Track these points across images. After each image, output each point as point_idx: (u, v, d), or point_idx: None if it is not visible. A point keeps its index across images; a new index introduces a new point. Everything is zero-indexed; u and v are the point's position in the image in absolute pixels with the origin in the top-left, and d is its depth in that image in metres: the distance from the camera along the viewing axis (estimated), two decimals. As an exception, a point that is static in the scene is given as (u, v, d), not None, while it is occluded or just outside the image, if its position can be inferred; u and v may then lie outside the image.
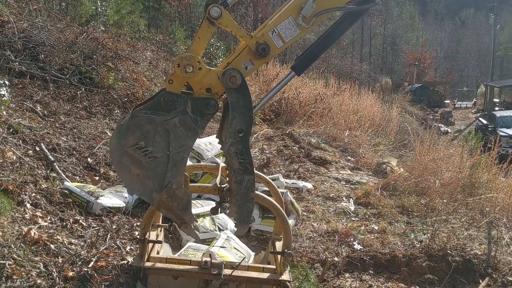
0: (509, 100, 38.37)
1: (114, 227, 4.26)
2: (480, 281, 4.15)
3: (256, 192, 3.13)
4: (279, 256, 3.42)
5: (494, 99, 39.35)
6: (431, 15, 77.91)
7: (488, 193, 6.72)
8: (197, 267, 3.33)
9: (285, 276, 3.32)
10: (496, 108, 32.81)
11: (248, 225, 3.51)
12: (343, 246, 4.71)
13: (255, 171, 3.09)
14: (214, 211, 3.25)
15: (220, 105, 2.85)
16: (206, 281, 3.28)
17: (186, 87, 2.80)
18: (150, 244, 3.51)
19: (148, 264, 3.39)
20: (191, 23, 22.38)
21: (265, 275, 3.38)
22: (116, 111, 7.26)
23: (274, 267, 3.46)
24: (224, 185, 3.09)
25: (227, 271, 3.29)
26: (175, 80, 2.72)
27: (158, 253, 3.74)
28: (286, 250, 3.38)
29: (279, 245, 3.65)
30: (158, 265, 3.40)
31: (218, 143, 3.18)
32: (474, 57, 72.33)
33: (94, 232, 4.13)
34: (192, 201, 4.16)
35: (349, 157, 8.75)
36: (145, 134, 2.71)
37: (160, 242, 3.71)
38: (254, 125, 9.76)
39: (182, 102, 2.71)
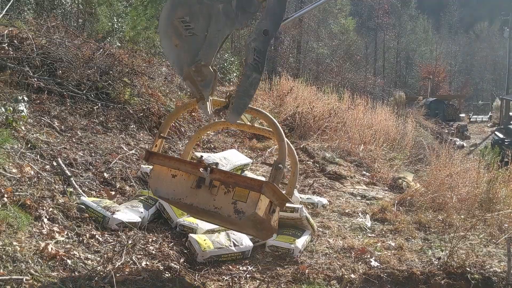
0: (526, 114, 37.93)
1: (130, 242, 4.26)
2: (501, 300, 4.06)
3: (258, 108, 3.80)
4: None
5: (510, 113, 38.90)
6: (445, 28, 77.71)
7: (507, 209, 6.60)
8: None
9: (270, 186, 3.40)
10: (513, 122, 32.42)
11: (239, 116, 3.57)
12: (360, 262, 4.65)
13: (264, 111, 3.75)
14: (217, 112, 3.66)
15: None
16: (198, 182, 3.43)
17: None
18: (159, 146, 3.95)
19: (155, 149, 3.88)
20: (206, 38, 22.58)
21: (252, 179, 3.51)
22: (132, 126, 7.32)
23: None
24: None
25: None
26: None
27: None
28: (278, 164, 3.52)
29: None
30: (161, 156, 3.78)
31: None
32: (489, 71, 71.80)
33: (110, 247, 4.14)
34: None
35: (364, 172, 8.69)
36: (192, 12, 3.12)
37: (168, 138, 4.26)
38: (268, 140, 9.76)
39: None
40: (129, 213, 4.72)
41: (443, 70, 57.26)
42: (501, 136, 24.60)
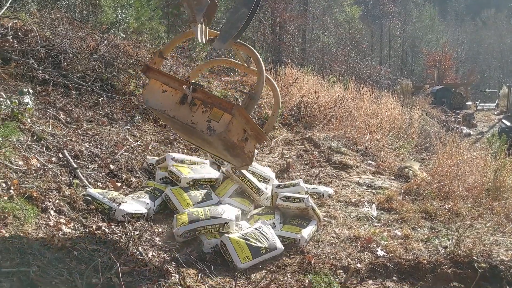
0: (533, 101, 37.62)
1: (136, 233, 4.28)
2: (508, 288, 4.04)
3: (244, 43, 4.16)
4: None
5: (517, 101, 38.57)
6: (451, 16, 76.93)
7: (514, 197, 6.57)
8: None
9: (241, 110, 3.75)
10: (520, 110, 32.16)
11: (225, 44, 3.99)
12: (366, 252, 4.64)
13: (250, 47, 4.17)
14: (209, 41, 4.07)
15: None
16: (182, 98, 3.81)
17: None
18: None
19: (153, 66, 4.17)
20: (210, 28, 22.50)
21: (227, 102, 3.82)
22: (137, 118, 7.32)
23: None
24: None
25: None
26: None
27: None
28: (252, 94, 3.95)
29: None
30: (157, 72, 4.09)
31: None
32: (496, 58, 71.10)
33: (117, 238, 4.16)
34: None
35: (370, 161, 8.65)
36: None
37: (167, 58, 4.69)
38: (274, 129, 9.74)
39: None
40: (135, 204, 4.74)
41: (450, 58, 56.65)
42: (508, 124, 24.40)
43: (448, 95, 38.61)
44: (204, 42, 4.01)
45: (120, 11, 12.61)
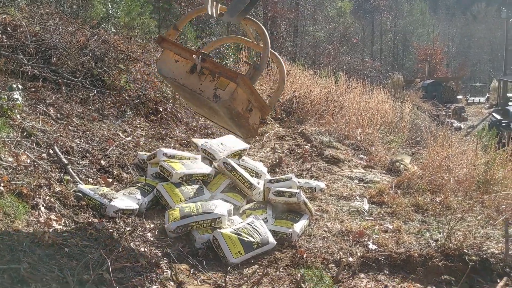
0: (523, 95, 37.96)
1: (127, 229, 4.27)
2: (498, 281, 4.07)
3: (252, 18, 4.41)
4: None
5: (507, 94, 38.86)
6: (442, 10, 77.17)
7: (504, 190, 6.61)
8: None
9: (245, 80, 3.99)
10: (510, 103, 32.42)
11: (232, 18, 4.26)
12: (358, 246, 4.67)
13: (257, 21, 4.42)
14: (220, 15, 4.27)
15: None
16: (192, 68, 4.05)
17: None
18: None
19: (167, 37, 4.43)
20: (201, 23, 22.36)
21: (233, 71, 4.10)
22: (128, 113, 7.29)
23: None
24: None
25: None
26: None
27: None
28: (257, 65, 4.25)
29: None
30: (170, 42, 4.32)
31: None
32: (487, 52, 71.47)
33: (108, 234, 4.14)
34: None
35: (362, 155, 8.68)
36: None
37: (181, 31, 4.97)
38: (265, 124, 9.73)
39: None
40: (126, 200, 4.72)
41: (440, 52, 56.88)
42: (498, 117, 24.57)
43: (439, 89, 38.83)
44: (214, 15, 4.25)
45: (110, 6, 12.50)
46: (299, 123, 10.52)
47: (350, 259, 4.38)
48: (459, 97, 42.15)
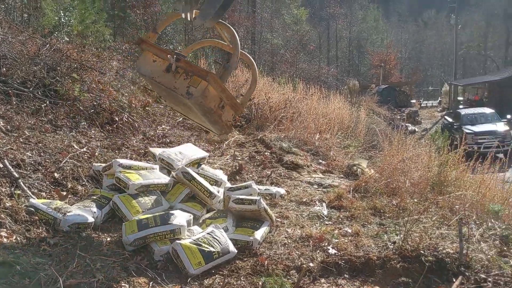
0: (473, 98, 39.60)
1: (83, 243, 4.14)
2: (454, 280, 4.18)
3: (223, 22, 4.73)
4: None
5: (458, 97, 40.47)
6: (395, 17, 79.64)
7: (457, 191, 6.83)
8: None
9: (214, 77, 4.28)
10: (461, 106, 33.75)
11: (203, 21, 4.43)
12: (318, 251, 4.69)
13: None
14: (193, 19, 4.51)
15: None
16: (168, 67, 4.35)
17: None
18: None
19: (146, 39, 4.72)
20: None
21: (204, 70, 4.48)
22: (82, 123, 7.09)
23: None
24: None
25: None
26: None
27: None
28: (227, 64, 4.59)
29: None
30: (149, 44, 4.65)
31: None
32: (438, 57, 74.12)
33: (63, 250, 4.00)
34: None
35: (321, 160, 8.78)
36: None
37: (159, 33, 5.17)
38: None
39: None
40: (81, 213, 4.57)
41: (394, 58, 58.61)
42: (450, 120, 25.49)
43: (393, 93, 40.00)
44: (189, 19, 4.54)
45: (63, 14, 12.20)
46: (259, 129, 10.56)
47: (311, 264, 4.40)
48: (413, 101, 43.51)
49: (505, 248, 4.83)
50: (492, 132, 21.02)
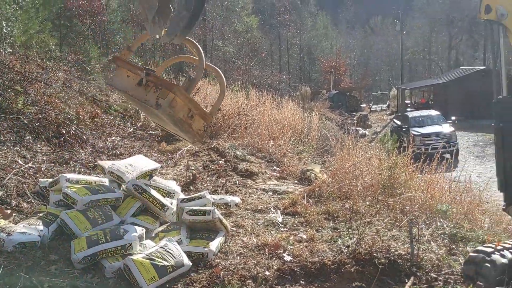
0: (420, 101, 41.13)
1: (29, 264, 3.95)
2: (406, 281, 4.27)
3: (190, 38, 4.93)
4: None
5: (405, 101, 41.86)
6: (343, 24, 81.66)
7: (407, 192, 7.02)
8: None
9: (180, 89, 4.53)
10: (408, 109, 34.91)
11: (170, 38, 4.59)
12: (274, 258, 4.68)
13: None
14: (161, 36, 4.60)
15: None
16: (140, 81, 4.54)
17: None
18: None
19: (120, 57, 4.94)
20: (106, 40, 21.70)
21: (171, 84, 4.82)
22: (27, 137, 6.82)
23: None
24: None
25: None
26: None
27: None
28: (191, 77, 4.89)
29: None
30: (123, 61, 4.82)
31: None
32: (385, 62, 76.38)
33: (7, 272, 3.80)
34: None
35: (275, 167, 8.82)
36: None
37: (133, 51, 5.42)
38: (178, 141, 9.58)
39: None
40: (27, 232, 4.37)
41: (344, 64, 60.08)
42: (398, 123, 26.29)
43: (343, 98, 40.97)
44: (157, 37, 4.68)
45: (5, 24, 11.71)
46: (213, 138, 10.50)
47: (267, 273, 4.38)
48: (363, 105, 44.65)
49: (453, 247, 5.00)
50: (438, 134, 21.85)
